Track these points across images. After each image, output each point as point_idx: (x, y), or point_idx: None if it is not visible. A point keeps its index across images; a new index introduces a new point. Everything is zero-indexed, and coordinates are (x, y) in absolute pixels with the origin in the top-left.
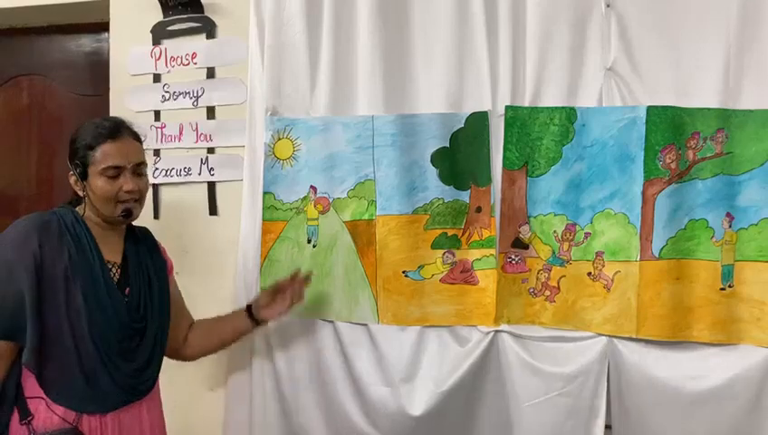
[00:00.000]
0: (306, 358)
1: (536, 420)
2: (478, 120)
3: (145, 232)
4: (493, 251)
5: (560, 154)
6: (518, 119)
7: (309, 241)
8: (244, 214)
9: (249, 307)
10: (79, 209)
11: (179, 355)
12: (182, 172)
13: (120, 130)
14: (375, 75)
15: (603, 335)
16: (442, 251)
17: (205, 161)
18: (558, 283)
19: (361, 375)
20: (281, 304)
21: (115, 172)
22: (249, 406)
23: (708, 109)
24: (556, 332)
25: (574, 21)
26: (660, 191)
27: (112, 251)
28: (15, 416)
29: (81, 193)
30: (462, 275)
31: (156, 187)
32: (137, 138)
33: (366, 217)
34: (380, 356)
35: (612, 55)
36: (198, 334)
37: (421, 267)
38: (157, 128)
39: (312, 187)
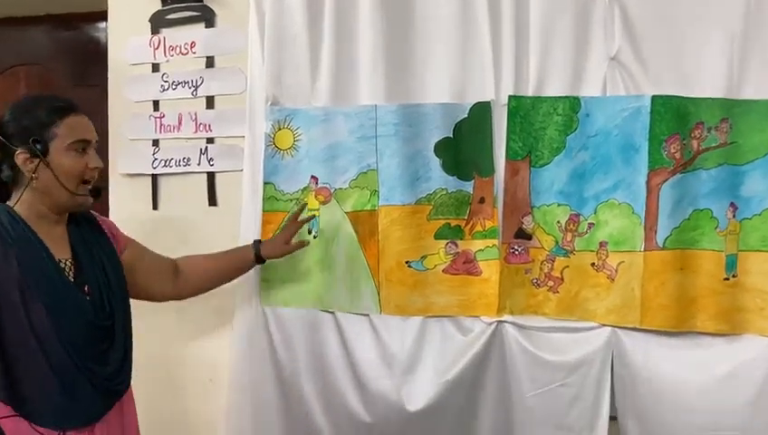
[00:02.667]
0: (307, 348)
1: (539, 411)
2: (482, 111)
3: (88, 217)
4: (496, 242)
5: (563, 144)
6: (521, 109)
7: (309, 232)
8: (245, 205)
9: (257, 243)
10: (10, 204)
11: (172, 297)
12: (181, 162)
13: (74, 104)
14: (377, 64)
15: (607, 326)
16: (445, 241)
17: (204, 151)
18: (561, 273)
19: (363, 366)
20: (285, 247)
21: (84, 146)
22: (250, 396)
23: (713, 99)
24: (559, 322)
25: (578, 10)
26: (664, 181)
27: (61, 247)
28: None
29: (31, 176)
30: (465, 265)
31: (155, 177)
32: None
33: (368, 207)
34: (382, 347)
35: (616, 45)
36: (193, 274)
37: (424, 258)
38: (156, 118)
39: (312, 177)
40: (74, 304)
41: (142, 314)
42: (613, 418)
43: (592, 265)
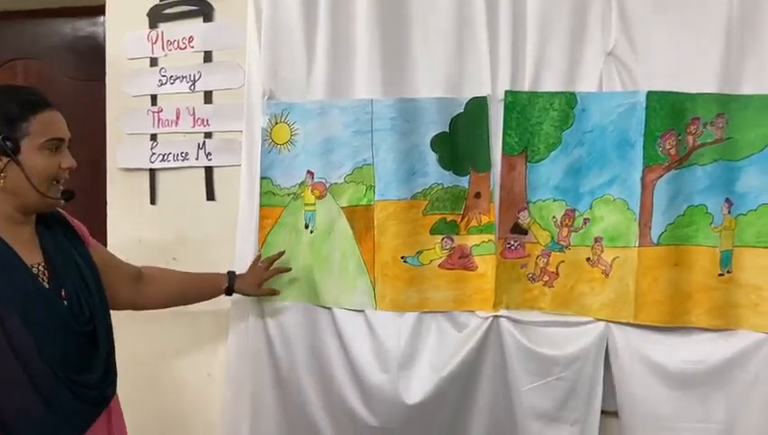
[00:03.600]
0: (303, 344)
1: (535, 405)
2: (478, 106)
3: (55, 216)
4: (492, 237)
5: (559, 139)
6: (518, 104)
7: (306, 227)
8: (242, 199)
9: (232, 275)
10: None
11: (127, 306)
12: (179, 157)
13: (47, 98)
14: (373, 58)
15: (601, 320)
16: (441, 236)
17: (202, 146)
18: (557, 268)
19: (359, 362)
20: (257, 289)
21: (57, 145)
22: (247, 391)
23: (709, 94)
24: (555, 317)
25: (575, 5)
26: (660, 177)
27: (31, 250)
28: None
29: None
30: (460, 260)
31: (153, 172)
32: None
33: (364, 202)
34: (378, 342)
35: (613, 40)
36: (154, 287)
37: (420, 253)
38: (154, 112)
39: (309, 172)
40: (52, 312)
41: (140, 312)
42: (605, 412)
43: (587, 260)
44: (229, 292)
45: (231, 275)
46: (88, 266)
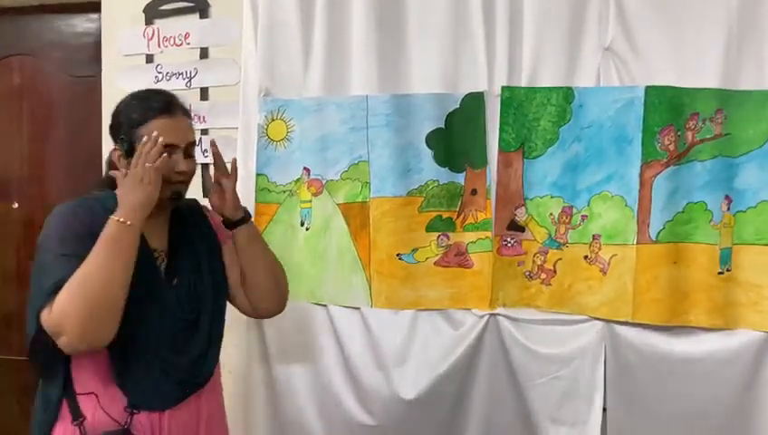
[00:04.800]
0: (299, 342)
1: (532, 404)
2: (474, 101)
3: (192, 207)
4: (488, 234)
5: (557, 135)
6: (515, 99)
7: (302, 224)
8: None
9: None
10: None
11: (260, 314)
12: None
13: (172, 105)
14: (369, 55)
15: (599, 319)
16: (437, 234)
17: (198, 143)
18: (554, 266)
19: (354, 359)
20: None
21: (170, 149)
22: (242, 388)
23: (708, 89)
24: (552, 315)
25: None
26: (658, 174)
27: (158, 237)
28: (63, 415)
29: (123, 172)
30: (456, 258)
31: None
32: (188, 115)
33: (360, 199)
34: (373, 340)
35: (610, 35)
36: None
37: (415, 250)
38: None
39: (305, 168)
40: (159, 296)
41: None
42: (605, 410)
43: (585, 257)
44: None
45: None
46: (209, 258)
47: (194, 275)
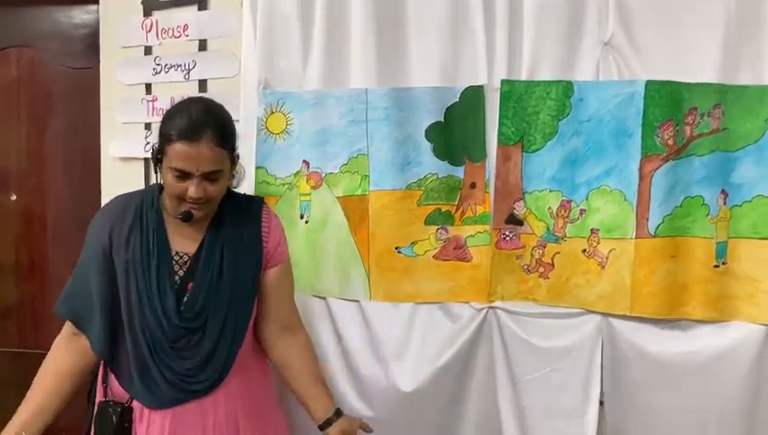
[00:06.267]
0: None
1: (530, 396)
2: (474, 95)
3: (252, 207)
4: (487, 227)
5: (556, 129)
6: (514, 93)
7: (301, 217)
8: (237, 189)
9: (337, 411)
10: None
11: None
12: None
13: (201, 132)
14: (368, 48)
15: (597, 313)
16: (435, 227)
17: None
18: (552, 259)
19: (353, 352)
20: None
21: (182, 174)
22: None
23: (707, 84)
24: (550, 308)
25: None
26: (657, 168)
27: (188, 240)
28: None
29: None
30: (455, 251)
31: (147, 161)
32: (220, 143)
33: (359, 192)
34: (372, 333)
35: (610, 29)
36: (290, 358)
37: (414, 244)
38: (148, 101)
39: (304, 161)
40: (161, 304)
41: None
42: (602, 402)
43: (583, 251)
44: (322, 426)
45: (338, 412)
46: (236, 268)
47: (212, 281)
